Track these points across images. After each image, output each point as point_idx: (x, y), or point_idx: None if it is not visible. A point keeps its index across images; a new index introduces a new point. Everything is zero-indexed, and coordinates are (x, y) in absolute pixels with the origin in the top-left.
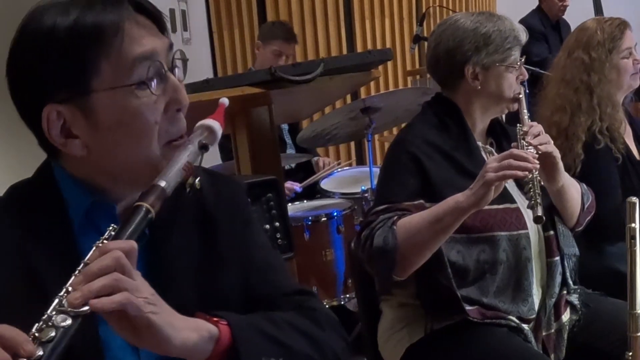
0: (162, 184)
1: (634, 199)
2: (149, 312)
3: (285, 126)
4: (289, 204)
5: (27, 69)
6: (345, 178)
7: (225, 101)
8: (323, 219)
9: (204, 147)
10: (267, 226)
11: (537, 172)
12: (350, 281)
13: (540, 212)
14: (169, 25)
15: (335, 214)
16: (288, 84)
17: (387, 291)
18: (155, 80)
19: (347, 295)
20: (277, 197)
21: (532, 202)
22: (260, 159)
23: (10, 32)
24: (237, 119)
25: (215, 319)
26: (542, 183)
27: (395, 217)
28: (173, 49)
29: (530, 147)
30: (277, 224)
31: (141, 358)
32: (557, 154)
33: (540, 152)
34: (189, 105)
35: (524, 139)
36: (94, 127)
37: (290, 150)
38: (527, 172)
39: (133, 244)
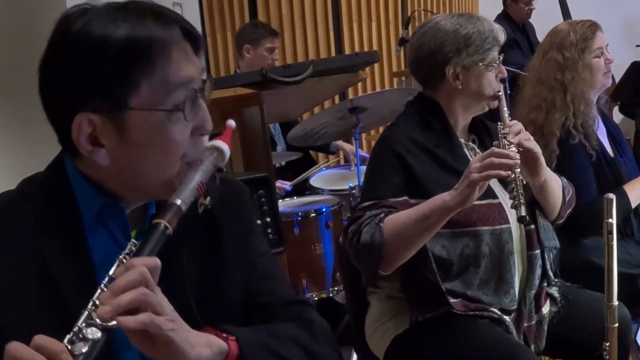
0: (179, 202)
1: (611, 195)
2: (169, 330)
3: (276, 126)
4: (280, 200)
5: (68, 74)
6: (334, 175)
7: (232, 123)
8: (312, 214)
9: (219, 170)
10: (259, 221)
11: (519, 172)
12: (338, 274)
13: (523, 212)
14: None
15: (324, 209)
16: (279, 84)
17: (373, 284)
18: (188, 106)
19: (336, 288)
20: (268, 193)
21: (516, 202)
22: (252, 157)
23: (9, 31)
24: (229, 119)
25: (224, 335)
26: (525, 182)
27: (382, 214)
28: (204, 73)
29: (511, 146)
30: (268, 219)
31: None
32: (538, 149)
33: (521, 149)
34: None
35: (505, 137)
36: (123, 141)
37: (280, 149)
38: (509, 172)
39: (157, 261)
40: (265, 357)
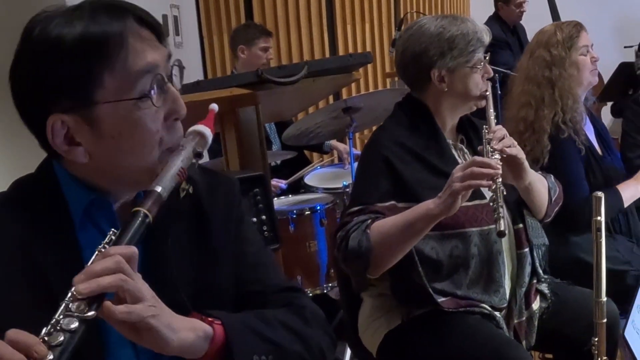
0: (159, 189)
1: (600, 193)
2: (148, 316)
3: (272, 125)
4: (275, 198)
5: (32, 78)
6: (328, 174)
7: (215, 107)
8: (307, 212)
9: (198, 155)
10: (255, 219)
11: (500, 182)
12: (332, 271)
13: (502, 227)
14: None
15: (318, 207)
16: (274, 85)
17: (363, 288)
18: (156, 92)
19: (330, 284)
20: (263, 191)
21: (496, 215)
22: (247, 155)
23: (11, 34)
24: (226, 118)
25: (209, 319)
26: (504, 192)
27: (369, 221)
28: (171, 59)
29: (495, 153)
30: (263, 217)
31: (138, 351)
32: (521, 155)
33: (505, 156)
34: None
35: (489, 143)
36: (97, 136)
37: (276, 148)
38: (490, 182)
39: (134, 249)
40: (253, 339)
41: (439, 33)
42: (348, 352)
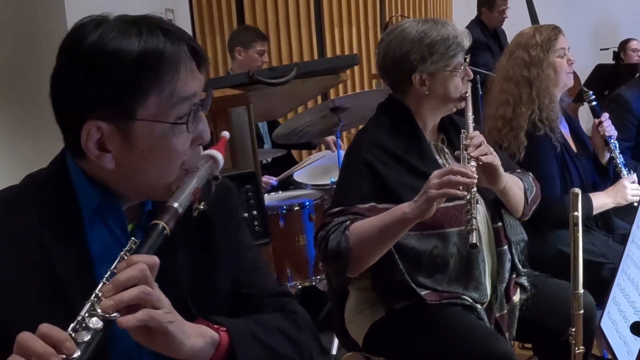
0: (176, 205)
1: (577, 190)
2: (167, 322)
3: (264, 124)
4: (266, 195)
5: (80, 83)
6: (317, 169)
7: (226, 134)
8: (296, 207)
9: (215, 179)
10: (246, 214)
11: (475, 191)
12: (320, 264)
13: (474, 240)
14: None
15: (307, 203)
16: (265, 86)
17: (344, 286)
18: (191, 119)
19: (318, 277)
20: (254, 188)
21: (469, 227)
22: (239, 153)
23: (13, 37)
24: (219, 118)
25: (216, 326)
26: (478, 202)
27: (348, 222)
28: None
29: (471, 160)
30: (254, 212)
31: (141, 352)
32: (496, 162)
33: (481, 163)
34: None
35: (466, 149)
36: (128, 148)
37: (267, 146)
38: (465, 193)
39: (156, 259)
40: (254, 345)
41: (420, 38)
42: (335, 342)
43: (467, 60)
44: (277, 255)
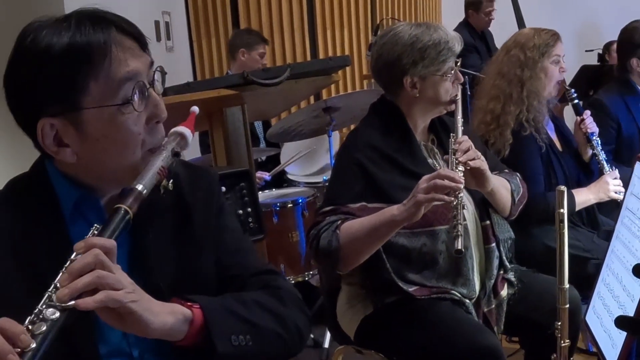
0: (139, 187)
1: (563, 187)
2: (129, 302)
3: (259, 124)
4: (260, 192)
5: (23, 85)
6: (310, 167)
7: (195, 109)
8: (289, 205)
9: (176, 155)
10: (240, 211)
11: (462, 197)
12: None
13: (460, 246)
14: (154, 37)
15: (300, 200)
16: (259, 86)
17: (333, 283)
18: (138, 98)
19: (311, 272)
20: (249, 186)
21: (455, 233)
22: (234, 152)
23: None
24: (214, 117)
25: (188, 303)
26: (464, 207)
27: (339, 222)
28: (153, 66)
29: (459, 165)
30: (249, 209)
31: (127, 335)
32: (484, 167)
33: (469, 168)
34: (172, 105)
35: (454, 153)
36: (83, 138)
37: (263, 145)
38: (452, 198)
39: (112, 242)
40: (230, 321)
41: (412, 42)
42: (328, 335)
43: (458, 64)
44: (271, 251)
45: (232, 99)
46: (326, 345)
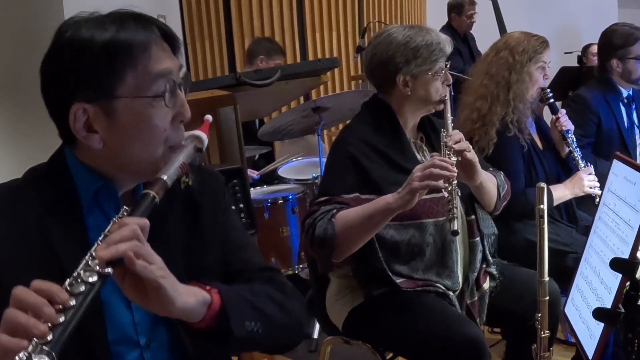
0: (165, 177)
1: (543, 184)
2: (159, 276)
3: (256, 122)
4: (252, 189)
5: (62, 71)
6: (299, 167)
7: (209, 118)
8: (280, 201)
9: (199, 150)
10: (233, 207)
11: (455, 184)
12: (303, 254)
13: (456, 227)
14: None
15: (290, 197)
16: (251, 87)
17: (328, 271)
18: (168, 95)
19: (301, 266)
20: (241, 182)
21: (450, 215)
22: (227, 150)
23: (14, 39)
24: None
25: (208, 287)
26: (459, 193)
27: (335, 211)
28: (182, 70)
29: (451, 156)
30: (241, 205)
31: (134, 313)
32: (475, 159)
33: (459, 159)
34: None
35: (446, 145)
36: (112, 126)
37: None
38: (447, 184)
39: (146, 220)
40: (244, 307)
41: (406, 42)
42: (317, 326)
43: (448, 65)
44: (262, 246)
45: (225, 99)
46: (315, 335)
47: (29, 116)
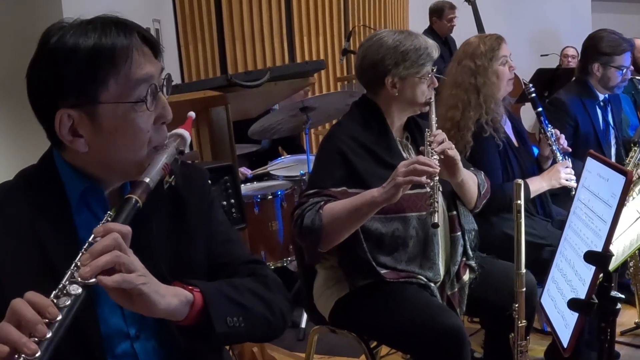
0: (147, 180)
1: (520, 180)
2: (140, 284)
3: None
4: (242, 185)
5: (47, 77)
6: (288, 164)
7: (192, 115)
8: (269, 196)
9: (180, 153)
10: (224, 202)
11: (437, 179)
12: (291, 247)
13: (436, 219)
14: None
15: (279, 192)
16: (241, 88)
17: (315, 262)
18: (150, 99)
19: (289, 258)
20: (232, 179)
21: (431, 209)
22: (218, 148)
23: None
24: (200, 117)
25: (189, 287)
26: (440, 189)
27: (322, 202)
28: (163, 72)
29: (435, 155)
30: (232, 200)
31: (125, 314)
32: (457, 157)
33: (443, 157)
34: None
35: (430, 144)
36: (97, 130)
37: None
38: (429, 180)
39: (128, 228)
40: (226, 304)
41: (396, 46)
42: (304, 316)
43: (434, 70)
44: (252, 239)
45: (217, 99)
46: (303, 325)
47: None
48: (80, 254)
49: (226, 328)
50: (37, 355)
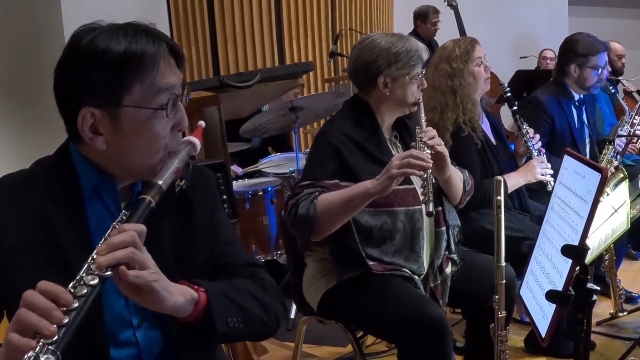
0: (160, 182)
1: (500, 177)
2: (152, 281)
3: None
4: (234, 182)
5: (76, 77)
6: (277, 161)
7: (202, 124)
8: (260, 193)
9: (192, 158)
10: None
11: (430, 172)
12: (281, 241)
13: (431, 208)
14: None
15: (269, 189)
16: (233, 89)
17: (306, 249)
18: (170, 107)
19: (279, 252)
20: (224, 176)
21: (425, 198)
22: (211, 146)
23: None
24: (194, 116)
25: (195, 286)
26: (434, 181)
27: (317, 193)
28: (184, 83)
29: (426, 150)
30: (224, 196)
31: (129, 304)
32: (446, 153)
33: (433, 152)
34: None
35: (421, 140)
36: (117, 131)
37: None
38: (422, 173)
39: (144, 227)
40: (227, 304)
41: (388, 47)
42: (294, 307)
43: (424, 72)
44: (244, 234)
45: (210, 99)
46: (292, 316)
47: (30, 115)
48: (97, 248)
49: (226, 328)
50: (55, 338)
